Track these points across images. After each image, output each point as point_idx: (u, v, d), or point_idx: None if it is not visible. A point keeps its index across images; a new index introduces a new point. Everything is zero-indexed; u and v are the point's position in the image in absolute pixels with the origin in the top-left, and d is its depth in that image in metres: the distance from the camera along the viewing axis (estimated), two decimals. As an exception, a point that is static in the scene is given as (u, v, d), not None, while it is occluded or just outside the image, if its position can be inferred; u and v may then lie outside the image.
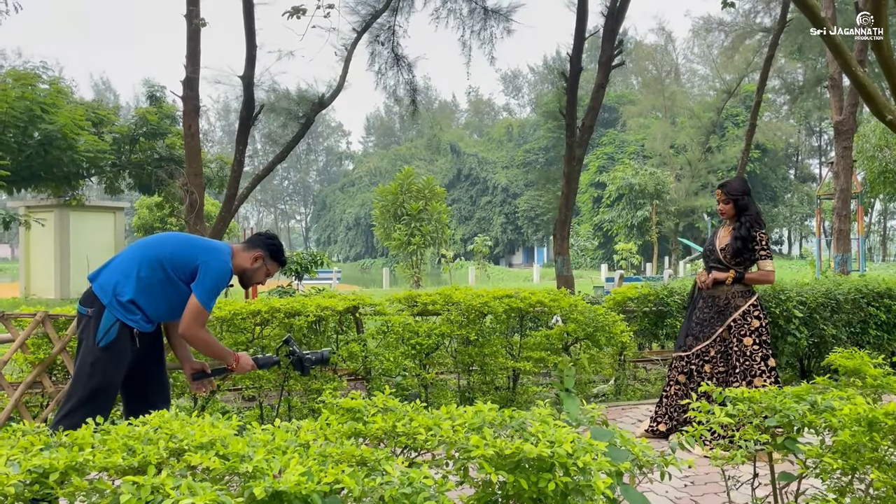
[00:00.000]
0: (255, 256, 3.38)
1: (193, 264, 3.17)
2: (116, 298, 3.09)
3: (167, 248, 3.21)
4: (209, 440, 1.67)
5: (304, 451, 1.73)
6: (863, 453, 1.99)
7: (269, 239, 3.48)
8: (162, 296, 3.17)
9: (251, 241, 3.44)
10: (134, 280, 3.12)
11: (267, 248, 3.42)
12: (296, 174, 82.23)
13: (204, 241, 3.33)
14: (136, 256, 3.19)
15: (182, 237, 3.33)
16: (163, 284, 3.16)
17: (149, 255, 3.18)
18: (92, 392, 3.04)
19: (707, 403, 2.25)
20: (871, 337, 6.72)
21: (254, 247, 3.40)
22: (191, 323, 3.14)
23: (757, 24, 25.45)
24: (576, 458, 1.66)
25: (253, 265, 3.38)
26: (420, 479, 1.56)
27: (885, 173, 22.09)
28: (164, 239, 3.31)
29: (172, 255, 3.19)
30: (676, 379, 4.66)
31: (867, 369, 2.66)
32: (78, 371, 3.09)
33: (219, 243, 3.37)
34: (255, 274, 3.42)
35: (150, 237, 3.36)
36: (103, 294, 3.11)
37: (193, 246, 3.24)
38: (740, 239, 4.42)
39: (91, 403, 3.02)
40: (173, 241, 3.28)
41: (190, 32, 8.63)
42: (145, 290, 3.13)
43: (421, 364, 5.47)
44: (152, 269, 3.15)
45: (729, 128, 42.97)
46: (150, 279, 3.14)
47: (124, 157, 16.90)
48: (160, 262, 3.16)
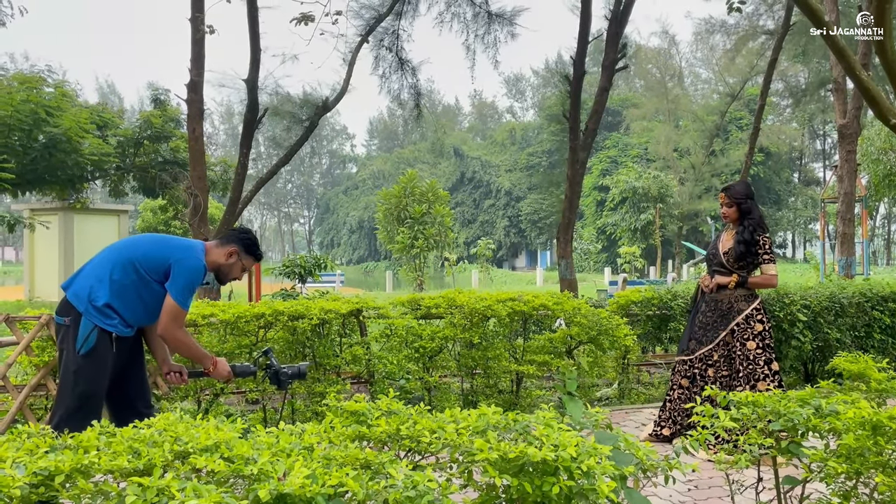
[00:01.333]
0: (229, 252, 3.35)
1: (166, 264, 3.14)
2: (92, 304, 3.06)
3: (139, 250, 3.19)
4: (214, 443, 1.67)
5: (309, 454, 1.74)
6: (867, 457, 1.98)
7: (242, 234, 3.45)
8: (136, 298, 3.14)
9: (225, 238, 3.43)
10: (107, 284, 3.09)
11: (241, 243, 3.39)
12: (299, 177, 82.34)
13: (176, 240, 3.31)
14: (107, 260, 3.17)
15: (154, 237, 3.31)
16: (136, 287, 3.13)
17: (121, 257, 3.16)
18: (79, 400, 3.04)
19: (711, 407, 2.25)
20: (876, 341, 6.70)
21: (227, 242, 3.38)
22: (168, 323, 3.12)
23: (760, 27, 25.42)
24: (580, 462, 1.66)
25: (227, 261, 3.35)
26: (424, 482, 1.56)
27: (889, 176, 22.05)
28: (136, 240, 3.29)
29: (144, 255, 3.16)
30: (680, 383, 4.65)
31: (871, 373, 2.65)
32: (62, 381, 3.08)
33: (192, 241, 3.35)
34: (231, 269, 3.39)
35: (122, 240, 3.35)
36: (78, 301, 3.08)
37: (165, 246, 3.22)
38: (743, 243, 4.42)
39: (79, 412, 3.01)
40: (145, 242, 3.26)
41: (195, 36, 8.67)
42: (119, 294, 3.10)
43: (424, 367, 5.48)
44: (125, 271, 3.12)
45: (732, 131, 42.93)
46: (122, 282, 3.11)
47: (128, 161, 16.94)
48: (132, 264, 3.13)
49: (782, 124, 43.37)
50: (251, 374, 3.53)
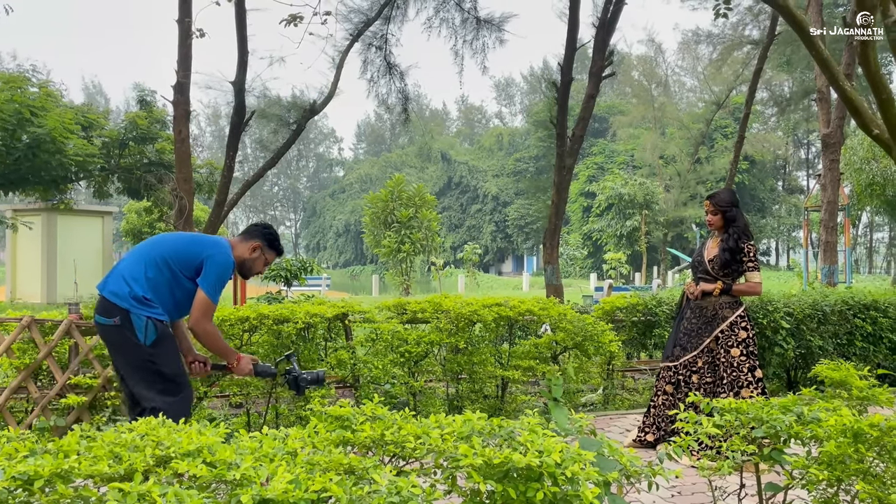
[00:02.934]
0: (253, 247, 3.48)
1: (198, 260, 3.27)
2: (135, 299, 3.18)
3: (170, 247, 3.31)
4: (196, 447, 1.66)
5: (292, 459, 1.73)
6: (848, 464, 2.00)
7: (265, 229, 3.57)
8: (169, 294, 3.27)
9: (248, 233, 3.54)
10: (143, 281, 3.22)
11: (264, 238, 3.52)
12: (286, 180, 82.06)
13: (204, 237, 3.44)
14: (140, 259, 3.28)
15: (182, 235, 3.47)
16: (169, 283, 3.26)
17: (153, 255, 3.27)
18: (169, 381, 3.20)
19: (694, 414, 2.26)
20: (858, 348, 6.76)
21: (251, 237, 3.50)
22: (200, 317, 3.25)
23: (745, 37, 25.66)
24: (564, 468, 1.66)
25: (251, 255, 3.48)
26: (408, 487, 1.56)
27: (871, 186, 22.29)
28: (166, 239, 3.42)
29: (176, 253, 3.28)
30: (664, 389, 4.68)
31: (853, 381, 2.68)
32: (141, 373, 3.19)
33: (218, 238, 3.47)
34: (255, 264, 3.51)
35: (150, 239, 3.46)
36: (121, 300, 3.19)
37: (196, 243, 3.35)
38: (728, 250, 4.45)
39: (178, 391, 3.20)
40: (175, 240, 3.39)
41: (181, 37, 8.61)
42: (154, 290, 3.23)
43: (410, 372, 5.47)
44: (159, 269, 3.25)
45: (718, 139, 43.27)
46: (157, 279, 3.24)
47: (113, 162, 16.78)
48: (165, 262, 3.26)
49: (767, 133, 43.75)
50: (271, 376, 3.60)
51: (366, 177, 65.34)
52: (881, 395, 2.62)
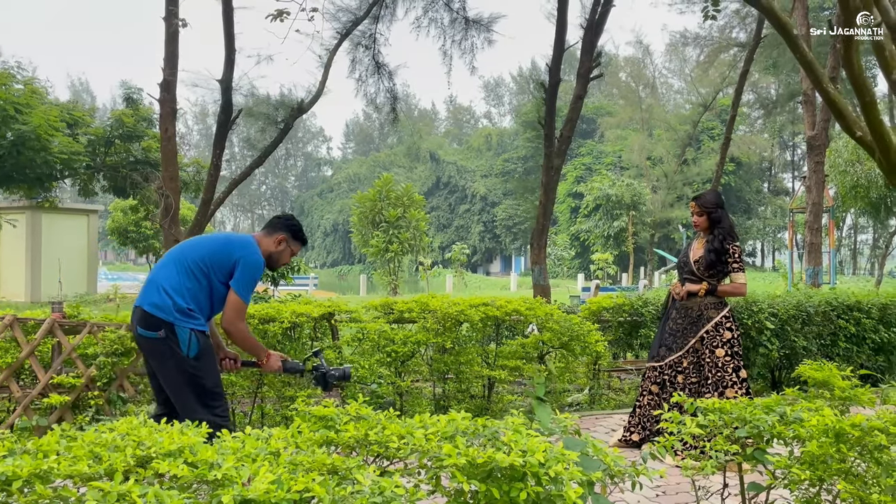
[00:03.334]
0: (278, 239, 3.52)
1: (230, 263, 3.32)
2: (178, 311, 3.21)
3: (204, 253, 3.34)
4: (178, 448, 1.64)
5: (275, 459, 1.72)
6: (830, 464, 2.01)
7: (288, 220, 3.62)
8: (207, 301, 3.34)
9: (272, 226, 3.58)
10: (185, 291, 3.25)
11: (288, 230, 3.56)
12: (274, 179, 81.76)
13: (233, 238, 3.46)
14: (177, 268, 3.31)
15: (212, 239, 3.48)
16: (207, 291, 3.33)
17: (189, 263, 3.30)
18: (210, 394, 3.26)
19: (678, 414, 2.27)
20: (841, 349, 6.82)
21: (275, 230, 3.54)
22: (234, 318, 3.31)
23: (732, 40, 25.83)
24: (548, 468, 1.67)
25: (277, 248, 3.53)
26: (391, 488, 1.56)
27: (856, 188, 22.49)
28: (197, 243, 3.44)
29: (210, 258, 3.32)
30: (649, 389, 4.69)
31: (835, 381, 2.70)
32: (183, 386, 3.23)
33: (246, 237, 3.49)
34: (281, 256, 3.57)
35: (182, 245, 3.48)
36: (164, 313, 3.21)
37: (226, 245, 3.38)
38: (713, 251, 4.47)
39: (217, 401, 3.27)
40: (207, 244, 3.41)
41: (168, 35, 8.56)
42: (194, 298, 3.28)
43: (396, 372, 5.46)
44: (196, 278, 3.29)
45: (704, 140, 43.52)
46: (196, 288, 3.29)
47: (99, 160, 16.66)
48: (201, 269, 3.30)
49: (753, 135, 44.05)
50: (299, 372, 3.65)
51: (354, 176, 65.23)
52: (863, 396, 2.64)
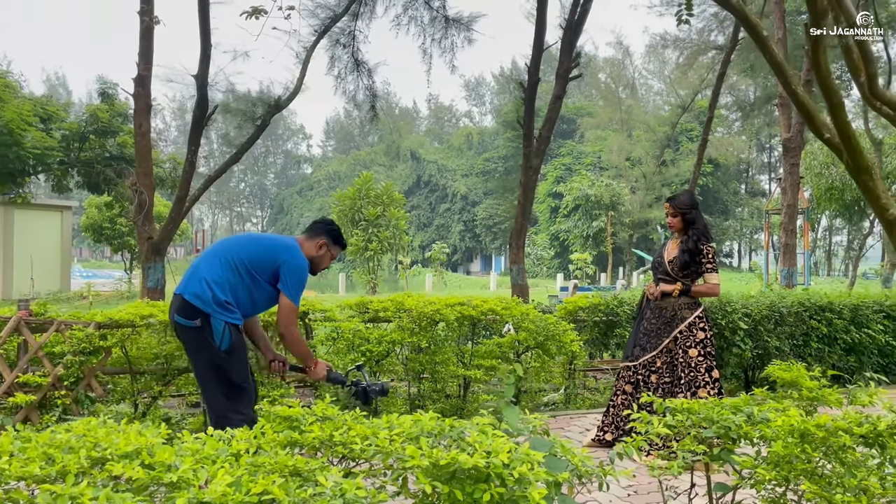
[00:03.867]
0: (319, 244, 3.60)
1: (274, 265, 3.38)
2: (216, 303, 3.27)
3: (248, 251, 3.40)
4: (134, 449, 1.61)
5: (235, 460, 1.69)
6: (795, 465, 2.02)
7: (328, 225, 3.69)
8: (248, 297, 3.39)
9: (313, 230, 3.64)
10: (225, 284, 3.32)
11: (329, 235, 3.63)
12: (253, 176, 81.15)
13: (277, 240, 3.52)
14: (220, 262, 3.36)
15: (256, 238, 3.52)
16: (248, 287, 3.37)
17: (232, 258, 3.36)
18: (236, 388, 3.30)
19: (647, 414, 2.27)
20: (813, 349, 6.89)
21: (316, 235, 3.61)
22: (288, 322, 3.39)
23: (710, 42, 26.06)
24: (512, 469, 1.65)
25: (318, 252, 3.60)
26: (352, 490, 1.53)
27: (830, 190, 22.83)
28: (241, 241, 3.50)
29: (253, 257, 3.38)
30: (623, 389, 4.71)
31: (803, 381, 2.71)
32: (212, 378, 3.29)
33: (289, 240, 3.54)
34: (322, 260, 3.63)
35: (225, 241, 3.53)
36: (203, 304, 3.26)
37: (270, 247, 3.44)
38: (688, 252, 4.49)
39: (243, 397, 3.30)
40: (250, 244, 3.46)
41: (143, 30, 8.45)
42: (234, 292, 3.33)
43: (371, 371, 5.42)
44: (239, 273, 3.35)
45: (683, 142, 43.89)
46: (237, 283, 3.34)
47: (73, 155, 16.44)
48: (245, 266, 3.36)
49: (731, 137, 44.51)
50: (341, 383, 3.69)
51: (334, 174, 64.94)
52: (830, 396, 2.65)
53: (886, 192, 2.31)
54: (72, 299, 18.46)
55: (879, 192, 2.28)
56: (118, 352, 4.66)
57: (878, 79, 2.07)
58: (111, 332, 4.48)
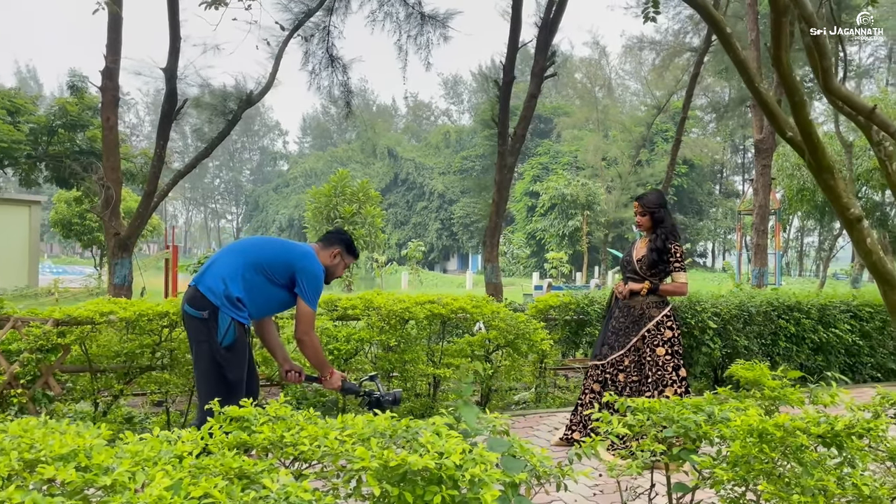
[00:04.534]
0: (333, 253, 3.65)
1: (290, 270, 3.42)
2: (227, 298, 3.30)
3: (265, 253, 3.44)
4: (71, 451, 1.54)
5: (179, 462, 1.63)
6: (753, 464, 2.00)
7: (342, 235, 3.75)
8: (261, 296, 3.42)
9: (327, 240, 3.70)
10: (240, 281, 3.35)
11: (343, 244, 3.69)
12: (228, 173, 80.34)
13: (294, 246, 3.56)
14: (237, 260, 3.41)
15: (272, 242, 3.57)
16: (262, 287, 3.41)
17: (249, 259, 3.41)
18: (229, 387, 3.28)
19: (608, 414, 2.24)
20: (781, 349, 6.95)
21: (330, 244, 3.66)
22: (307, 329, 3.44)
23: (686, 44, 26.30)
24: (465, 470, 1.61)
25: (333, 261, 3.65)
26: (298, 492, 1.48)
27: (802, 191, 23.11)
28: (259, 243, 3.54)
29: (270, 260, 3.42)
30: (591, 387, 4.69)
31: (765, 381, 2.71)
32: (206, 372, 3.30)
33: (306, 247, 3.60)
34: (336, 269, 3.68)
35: (244, 241, 3.57)
36: (214, 296, 3.29)
37: (287, 252, 3.48)
38: (656, 251, 4.49)
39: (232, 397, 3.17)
40: (267, 246, 3.51)
41: (110, 20, 8.30)
42: (248, 291, 3.37)
43: (339, 370, 5.35)
44: (255, 272, 3.39)
45: (658, 142, 44.25)
46: (253, 281, 3.38)
47: (41, 149, 16.10)
48: (261, 266, 3.40)
49: (706, 138, 44.97)
50: (356, 394, 3.68)
51: (311, 171, 64.52)
52: (792, 395, 2.65)
53: (848, 191, 2.30)
54: (40, 295, 18.11)
55: (840, 191, 2.27)
56: (77, 349, 4.55)
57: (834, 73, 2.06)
58: (69, 330, 4.37)
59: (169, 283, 13.77)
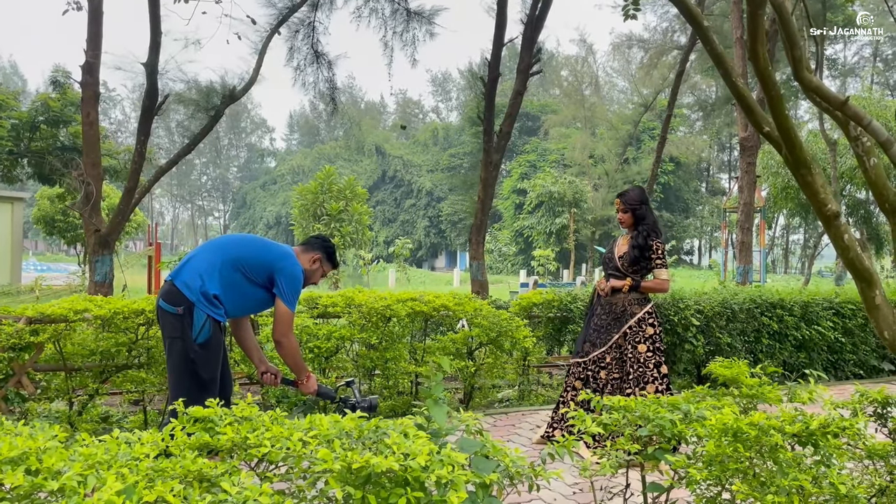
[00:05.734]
0: (313, 258, 3.59)
1: (269, 270, 3.37)
2: (203, 294, 3.24)
3: (243, 252, 3.38)
4: (21, 453, 1.48)
5: (136, 465, 1.57)
6: (727, 464, 1.98)
7: (325, 242, 3.68)
8: (239, 294, 3.36)
9: (309, 244, 3.64)
10: (217, 278, 3.29)
11: (324, 251, 3.63)
12: (215, 170, 79.87)
13: (276, 246, 3.51)
14: (214, 257, 3.35)
15: (251, 240, 3.51)
16: (240, 285, 3.35)
17: (228, 256, 3.35)
18: (200, 385, 3.23)
19: (583, 412, 2.21)
20: (764, 346, 6.96)
21: (312, 249, 3.61)
22: (286, 330, 3.38)
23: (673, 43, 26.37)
24: (431, 472, 1.57)
25: (311, 266, 3.59)
26: (255, 496, 1.43)
27: (787, 189, 23.23)
28: (237, 241, 3.48)
29: (248, 258, 3.36)
30: (573, 385, 4.67)
31: (743, 379, 2.68)
32: (178, 369, 3.23)
33: (286, 248, 3.53)
34: (313, 274, 3.61)
35: (223, 238, 3.50)
36: (190, 292, 3.24)
37: (266, 251, 3.43)
38: (637, 248, 4.47)
39: (204, 395, 3.13)
40: (246, 244, 3.45)
41: (91, 14, 8.19)
42: (226, 288, 3.31)
43: (320, 368, 5.31)
44: (232, 270, 3.33)
45: (645, 140, 44.37)
46: (230, 279, 3.32)
47: (23, 145, 15.92)
48: (240, 264, 3.34)
49: (693, 136, 45.14)
50: (331, 399, 3.65)
51: (298, 168, 64.24)
52: (770, 394, 2.63)
53: (825, 186, 2.28)
54: (23, 292, 17.89)
55: (818, 187, 2.25)
56: (51, 348, 4.48)
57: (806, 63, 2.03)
58: (43, 328, 4.29)
59: (152, 281, 13.64)
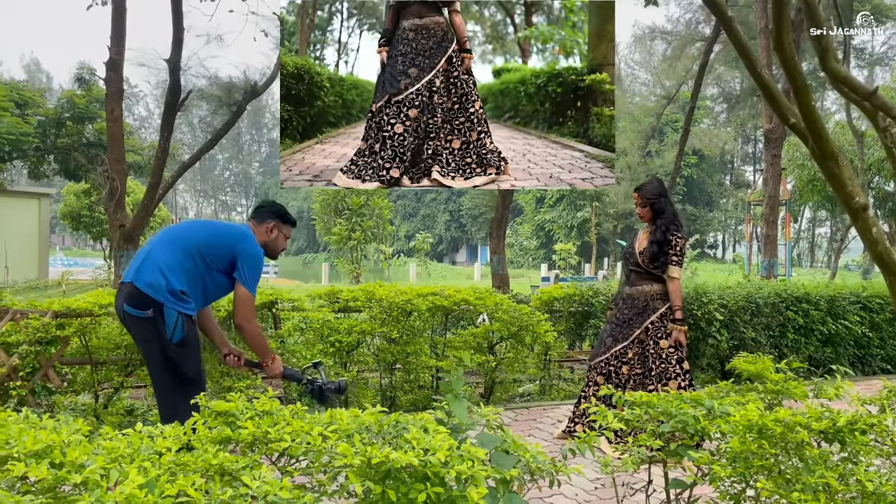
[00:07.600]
0: (269, 227, 3.51)
1: (231, 253, 3.27)
2: (170, 292, 3.14)
3: (202, 238, 3.29)
4: (45, 447, 1.50)
5: (158, 459, 1.59)
6: (752, 461, 1.95)
7: (272, 206, 3.60)
8: (201, 285, 3.28)
9: (259, 215, 3.55)
10: (180, 272, 3.19)
11: (276, 216, 3.54)
12: (238, 165, 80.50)
13: (232, 227, 3.41)
14: (174, 249, 3.24)
15: (208, 226, 3.46)
16: (202, 275, 3.26)
17: (187, 246, 3.24)
18: (188, 383, 3.17)
19: (605, 408, 2.19)
20: (790, 340, 6.87)
21: (264, 219, 3.52)
22: (247, 313, 3.29)
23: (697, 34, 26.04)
24: (451, 467, 1.56)
25: (271, 235, 3.52)
26: (276, 490, 1.44)
27: (813, 181, 22.86)
28: (196, 227, 3.44)
29: (208, 245, 3.27)
30: (595, 380, 4.63)
31: (768, 374, 2.64)
32: (163, 372, 3.17)
33: (243, 228, 3.43)
34: (276, 242, 3.55)
35: (179, 226, 3.42)
36: (155, 292, 3.13)
37: (225, 234, 3.33)
38: (656, 243, 4.39)
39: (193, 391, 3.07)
40: (203, 230, 3.38)
41: (114, 10, 8.28)
42: (189, 281, 3.22)
43: (341, 362, 5.33)
44: (193, 260, 3.23)
45: (669, 133, 43.93)
46: (192, 271, 3.23)
47: (49, 141, 16.16)
48: (200, 253, 3.24)
49: (717, 128, 44.62)
50: (297, 381, 3.60)
51: (320, 163, 64.45)
52: (796, 389, 2.58)
53: (853, 178, 2.23)
54: (50, 287, 18.20)
55: (845, 179, 2.20)
56: (77, 341, 4.54)
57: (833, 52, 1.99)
58: (69, 322, 4.36)
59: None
